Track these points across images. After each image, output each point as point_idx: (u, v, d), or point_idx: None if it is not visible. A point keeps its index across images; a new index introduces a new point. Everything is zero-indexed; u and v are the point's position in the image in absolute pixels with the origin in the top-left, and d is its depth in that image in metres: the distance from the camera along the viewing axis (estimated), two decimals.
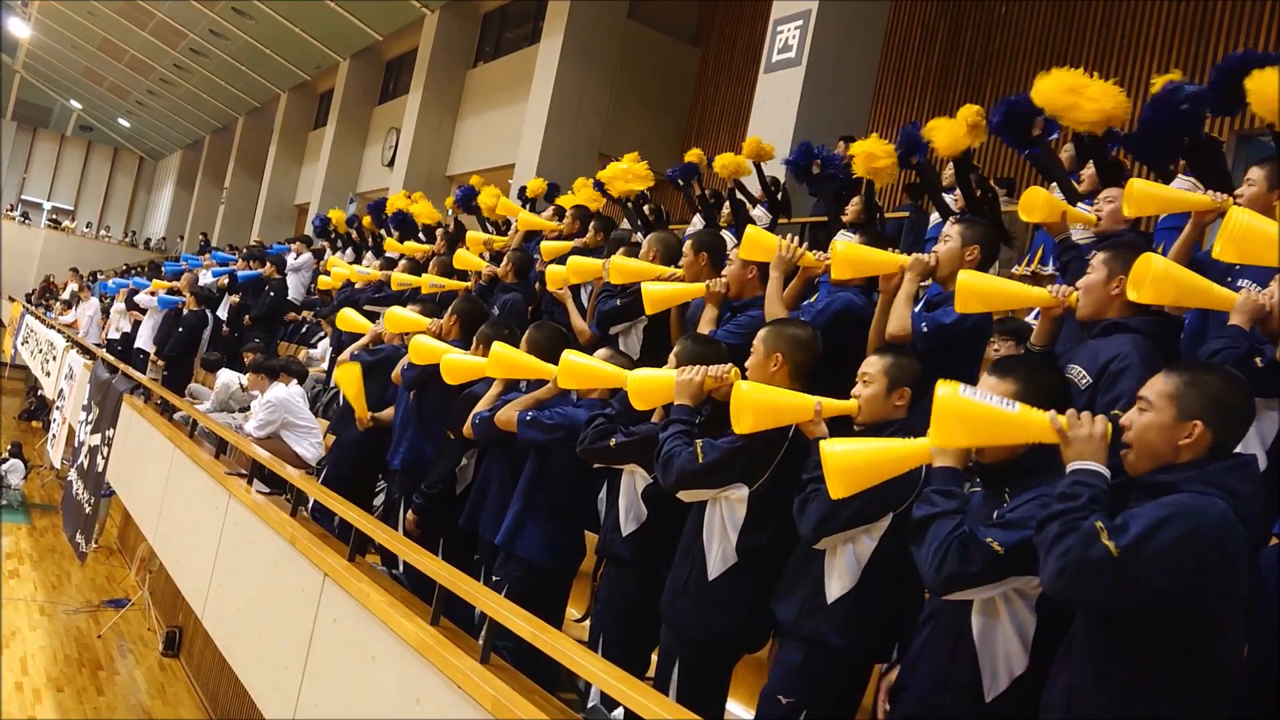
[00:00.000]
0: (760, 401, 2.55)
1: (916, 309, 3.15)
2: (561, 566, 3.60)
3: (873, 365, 2.60)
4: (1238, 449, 1.99)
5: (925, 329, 3.01)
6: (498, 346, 3.71)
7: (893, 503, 2.39)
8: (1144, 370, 2.42)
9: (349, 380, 4.84)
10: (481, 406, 3.78)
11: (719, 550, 2.74)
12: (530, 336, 3.88)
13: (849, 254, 3.24)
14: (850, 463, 2.19)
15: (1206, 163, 3.96)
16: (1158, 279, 2.47)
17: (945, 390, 2.04)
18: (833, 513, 2.39)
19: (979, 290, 2.79)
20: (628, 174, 6.92)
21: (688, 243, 4.08)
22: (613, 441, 3.03)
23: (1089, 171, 4.63)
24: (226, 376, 7.64)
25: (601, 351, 3.50)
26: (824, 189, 5.97)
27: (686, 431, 2.79)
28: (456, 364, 4.02)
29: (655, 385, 2.99)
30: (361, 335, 5.43)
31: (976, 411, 2.03)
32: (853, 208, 6.10)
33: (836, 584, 2.45)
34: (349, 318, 5.69)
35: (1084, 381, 2.59)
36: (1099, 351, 2.61)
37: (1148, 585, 1.75)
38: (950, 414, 2.04)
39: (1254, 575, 2.07)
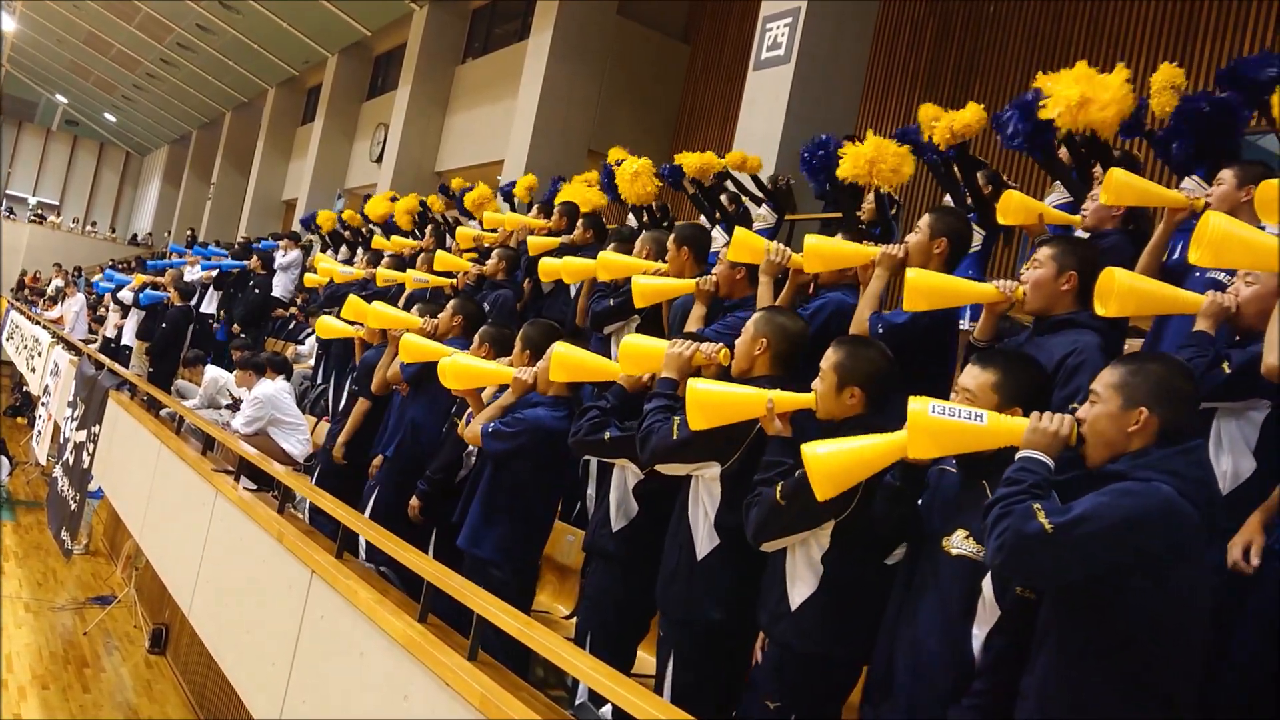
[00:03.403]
0: (710, 399, 2.56)
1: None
2: (522, 566, 3.60)
3: (825, 360, 2.56)
4: (1210, 445, 2.03)
5: (880, 330, 2.98)
6: (560, 347, 3.38)
7: (833, 509, 2.34)
8: (1100, 362, 2.46)
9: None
10: (486, 417, 3.63)
11: (704, 530, 2.75)
12: (525, 334, 3.87)
13: (818, 248, 3.24)
14: (833, 465, 2.21)
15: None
16: (1122, 293, 2.49)
17: (916, 406, 2.08)
18: (770, 518, 2.40)
19: (924, 288, 2.78)
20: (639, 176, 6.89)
21: (670, 237, 4.07)
22: (607, 435, 3.03)
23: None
24: (215, 372, 7.61)
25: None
26: (840, 188, 5.95)
27: (668, 406, 2.81)
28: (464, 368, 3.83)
29: (646, 352, 3.02)
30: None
31: (946, 427, 2.08)
32: (868, 205, 6.12)
33: (798, 589, 2.46)
34: (328, 324, 5.55)
35: None
36: (1053, 348, 2.63)
37: (1081, 562, 1.82)
38: (922, 430, 2.08)
39: (1222, 569, 2.11)
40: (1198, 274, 2.99)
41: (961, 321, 3.46)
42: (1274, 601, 2.23)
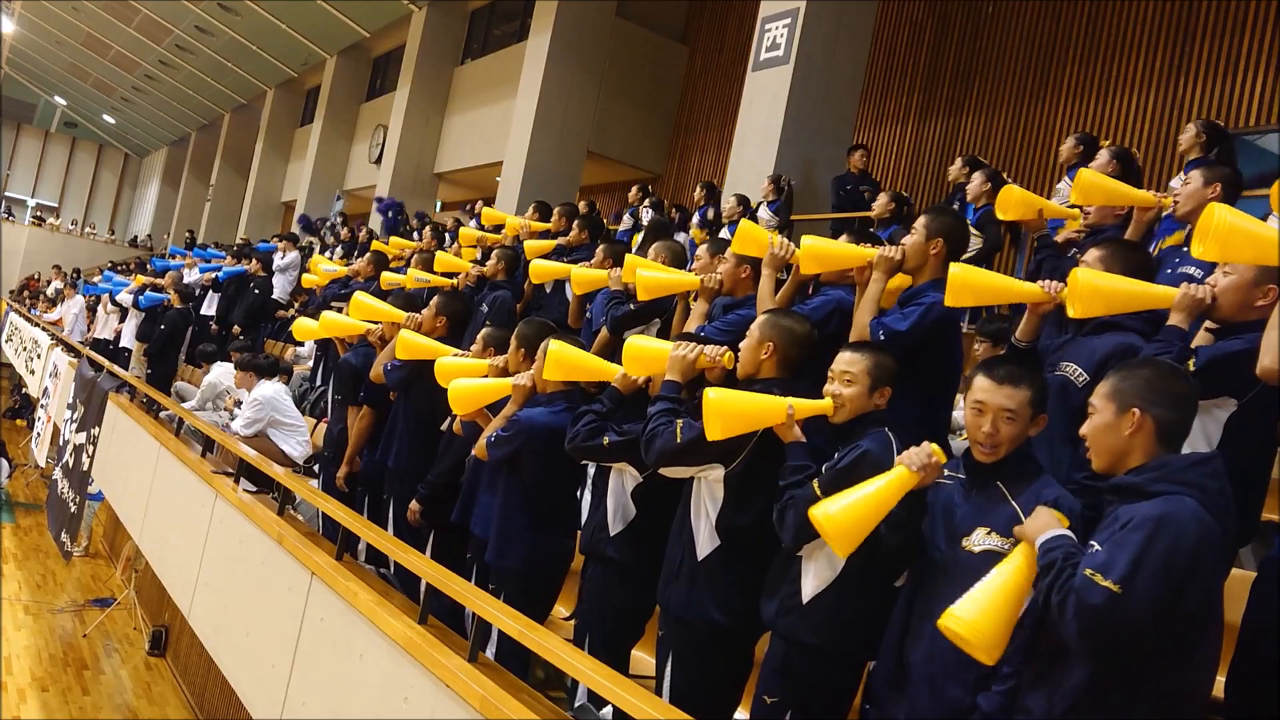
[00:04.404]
0: (729, 408, 2.54)
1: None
2: (551, 565, 3.59)
3: (855, 364, 2.59)
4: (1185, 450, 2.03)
5: (881, 337, 2.99)
6: (555, 346, 3.38)
7: None
8: None
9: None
10: (492, 429, 3.60)
11: (706, 531, 2.76)
12: (520, 333, 3.86)
13: (814, 249, 3.23)
14: (848, 522, 2.19)
15: None
16: (1085, 294, 2.49)
17: (950, 622, 2.00)
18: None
19: (970, 282, 2.79)
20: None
21: (703, 246, 4.10)
22: (605, 440, 3.03)
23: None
24: (216, 374, 7.59)
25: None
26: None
27: (672, 409, 2.82)
28: (469, 389, 3.79)
29: (650, 354, 3.02)
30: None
31: (996, 607, 1.98)
32: (879, 205, 6.13)
33: (811, 583, 2.47)
34: (303, 326, 5.54)
35: (1081, 379, 2.62)
36: (1094, 349, 2.64)
37: (1158, 606, 1.79)
38: (977, 637, 1.98)
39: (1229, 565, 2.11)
40: (1169, 270, 3.02)
41: (961, 324, 3.46)
42: (1274, 603, 2.23)
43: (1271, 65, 7.49)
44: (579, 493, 4.10)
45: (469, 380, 3.78)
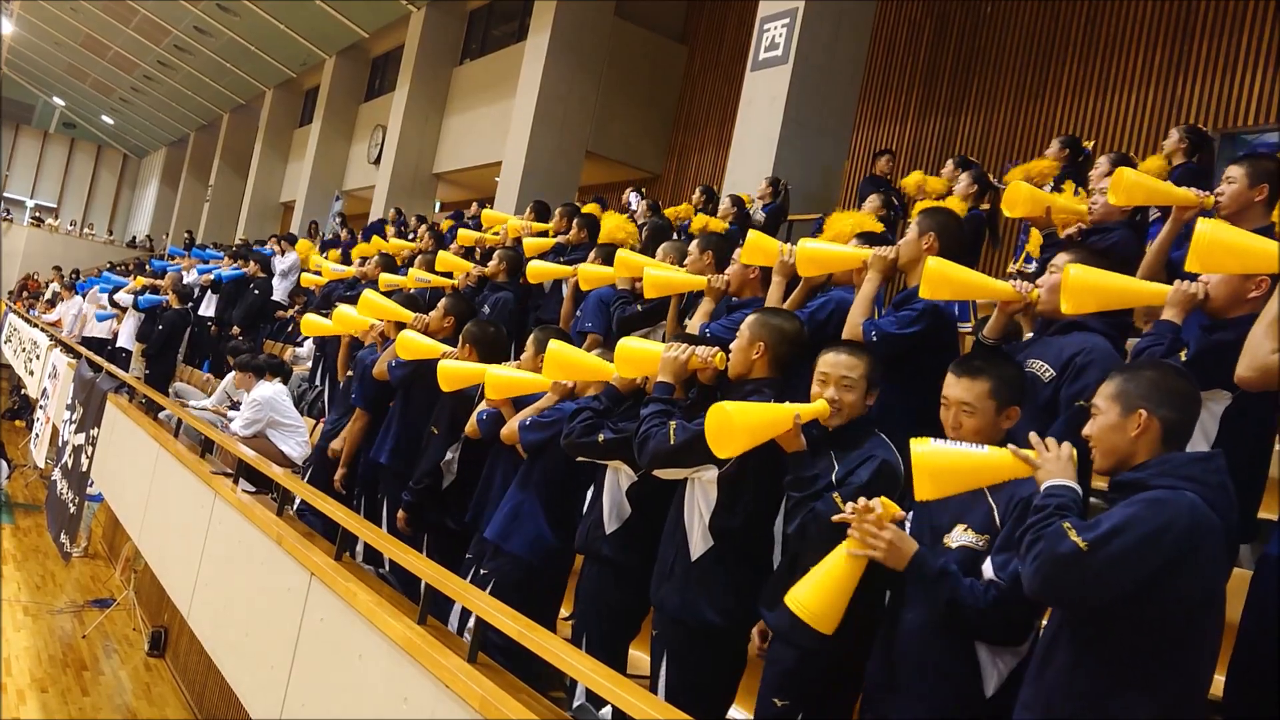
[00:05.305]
0: (743, 425, 2.47)
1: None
2: (553, 565, 3.59)
3: (855, 369, 2.58)
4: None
5: (874, 338, 2.99)
6: (556, 345, 3.40)
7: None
8: (1107, 362, 2.49)
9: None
10: (526, 415, 3.59)
11: (699, 532, 2.76)
12: (536, 338, 3.85)
13: (811, 252, 3.24)
14: (940, 464, 2.12)
15: None
16: (1076, 290, 2.51)
17: (920, 449, 2.08)
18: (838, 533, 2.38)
19: (947, 276, 2.80)
20: None
21: (694, 242, 4.10)
22: (600, 437, 3.03)
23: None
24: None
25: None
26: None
27: (665, 411, 2.81)
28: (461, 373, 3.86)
29: (642, 356, 3.02)
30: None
31: (953, 464, 2.08)
32: (870, 206, 6.13)
33: None
34: (312, 322, 5.65)
35: (1047, 375, 2.65)
36: (1061, 347, 2.66)
37: (1122, 579, 1.79)
38: (927, 471, 2.07)
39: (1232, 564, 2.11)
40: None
41: (964, 326, 3.45)
42: (1273, 601, 2.23)
43: (1271, 63, 7.50)
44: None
45: (507, 370, 3.78)
